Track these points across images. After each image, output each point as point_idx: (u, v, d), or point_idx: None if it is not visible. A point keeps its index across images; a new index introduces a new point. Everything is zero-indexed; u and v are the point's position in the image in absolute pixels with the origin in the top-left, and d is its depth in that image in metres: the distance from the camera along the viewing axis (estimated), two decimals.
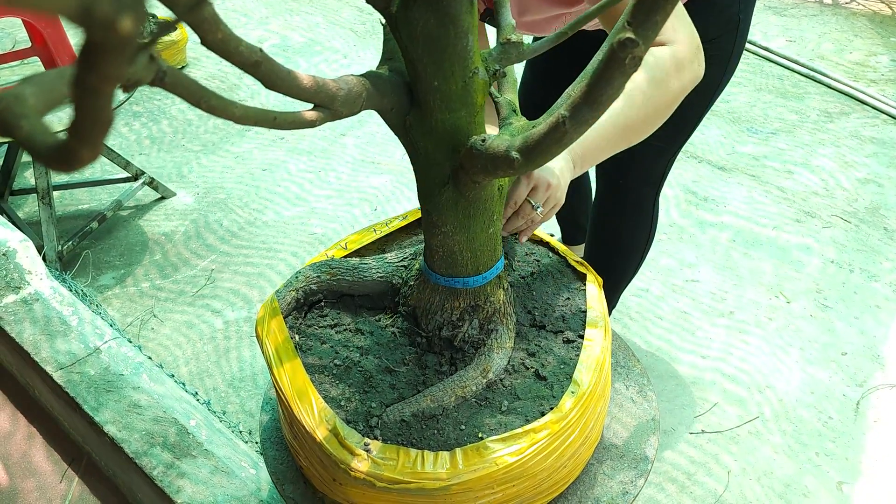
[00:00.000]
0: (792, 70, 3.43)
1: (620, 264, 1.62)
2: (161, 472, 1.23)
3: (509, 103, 0.76)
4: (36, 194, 2.10)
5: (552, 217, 0.97)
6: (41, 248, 2.04)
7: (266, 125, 0.52)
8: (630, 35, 0.41)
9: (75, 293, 1.75)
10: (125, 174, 2.40)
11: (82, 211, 2.43)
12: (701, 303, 2.07)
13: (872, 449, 1.65)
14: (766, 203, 2.50)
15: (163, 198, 2.50)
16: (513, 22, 0.70)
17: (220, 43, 0.43)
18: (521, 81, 1.66)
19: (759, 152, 2.80)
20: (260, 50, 0.47)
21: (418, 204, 0.84)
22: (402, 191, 2.56)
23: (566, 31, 0.65)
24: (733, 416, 1.72)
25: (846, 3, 4.23)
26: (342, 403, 0.85)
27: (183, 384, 1.53)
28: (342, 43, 3.69)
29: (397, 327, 0.95)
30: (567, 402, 0.80)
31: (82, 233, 2.18)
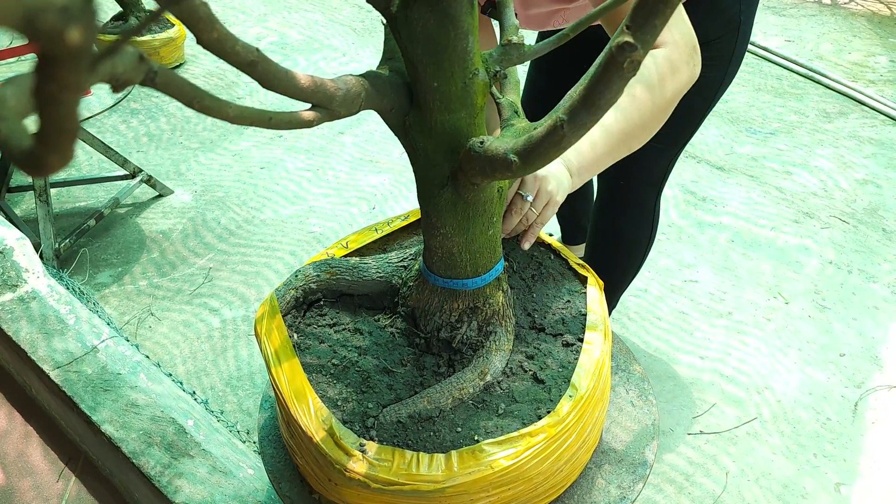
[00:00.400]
0: (791, 70, 3.43)
1: (621, 265, 1.62)
2: (158, 472, 1.22)
3: (511, 104, 0.75)
4: (33, 191, 2.09)
5: (551, 217, 0.96)
6: (38, 246, 2.03)
7: (262, 125, 0.51)
8: (629, 39, 0.40)
9: (72, 291, 1.74)
10: (123, 172, 2.39)
11: (79, 208, 2.42)
12: (699, 303, 2.06)
13: (871, 450, 1.65)
14: (765, 203, 2.50)
15: (160, 196, 2.49)
16: (516, 22, 0.70)
17: (216, 42, 0.43)
18: (527, 80, 1.65)
19: (758, 153, 2.80)
20: (256, 50, 0.46)
21: (418, 204, 0.83)
22: (401, 190, 2.55)
23: (568, 34, 0.65)
24: (731, 417, 1.72)
25: (845, 4, 4.23)
26: (339, 403, 0.84)
27: (181, 383, 1.52)
28: (341, 41, 3.68)
29: (396, 328, 0.94)
30: (564, 406, 0.79)
31: (79, 230, 2.17)
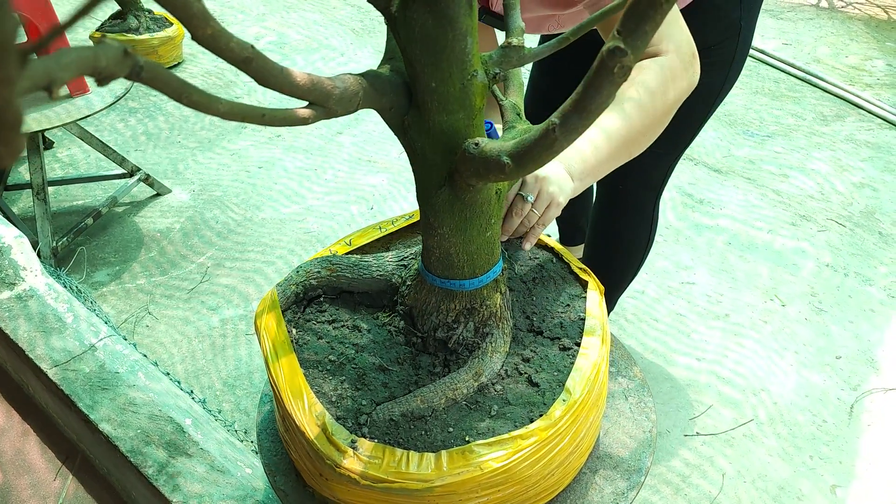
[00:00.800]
0: (788, 73, 3.44)
1: (619, 267, 1.62)
2: (156, 471, 1.22)
3: (514, 107, 0.76)
4: (31, 190, 2.09)
5: (553, 219, 0.96)
6: (35, 244, 2.03)
7: (254, 121, 0.51)
8: (619, 44, 0.41)
9: (70, 290, 1.74)
10: (120, 170, 2.39)
11: (77, 207, 2.42)
12: (696, 305, 2.07)
13: (866, 452, 1.66)
14: (762, 206, 2.51)
15: (158, 194, 2.49)
16: (522, 24, 0.70)
17: (210, 39, 0.43)
18: (529, 82, 1.65)
19: (755, 155, 2.81)
20: (251, 47, 0.47)
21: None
22: (399, 190, 2.55)
23: (568, 37, 0.65)
24: (728, 419, 1.73)
25: (842, 8, 4.24)
26: (333, 399, 0.85)
27: (178, 382, 1.52)
28: (340, 41, 3.68)
29: (394, 326, 0.95)
30: (557, 410, 0.79)
31: (77, 229, 2.17)
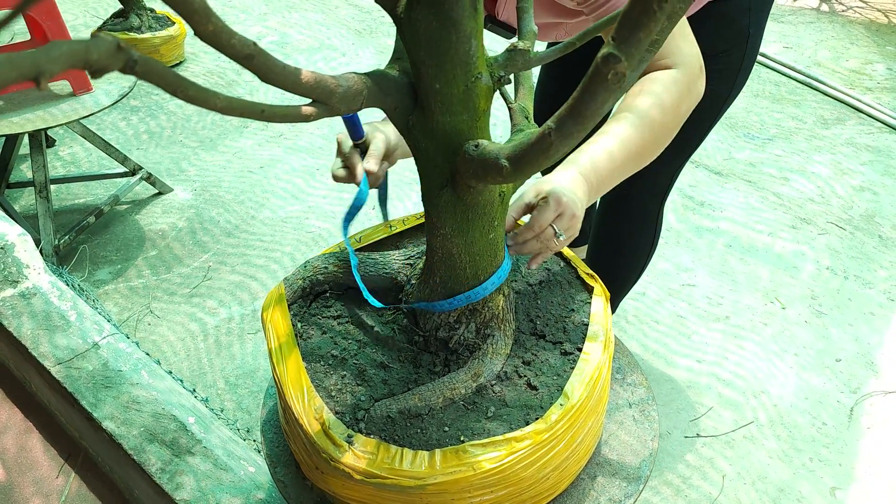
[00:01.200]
0: (789, 77, 3.45)
1: (622, 271, 1.62)
2: (159, 469, 1.22)
3: (523, 110, 0.76)
4: (33, 188, 2.09)
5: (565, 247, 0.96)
6: (38, 242, 2.03)
7: (253, 117, 0.51)
8: (613, 51, 0.41)
9: (72, 288, 1.74)
10: (122, 169, 2.39)
11: (79, 205, 2.42)
12: (697, 307, 2.08)
13: (866, 455, 1.66)
14: (763, 209, 2.52)
15: (160, 193, 2.49)
16: (534, 28, 0.70)
17: (212, 35, 0.43)
18: (537, 85, 1.65)
19: (756, 158, 2.82)
20: (253, 43, 0.47)
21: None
22: (401, 191, 2.56)
23: (574, 42, 0.66)
24: (728, 421, 1.73)
25: (843, 12, 4.26)
26: (333, 394, 0.86)
27: (181, 381, 1.53)
28: (341, 41, 3.68)
29: (398, 324, 0.95)
30: (554, 414, 0.79)
31: (79, 227, 2.17)
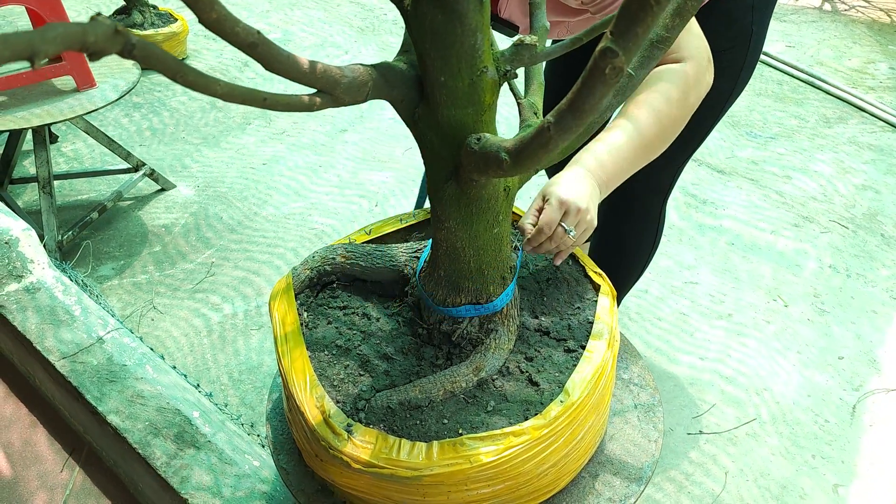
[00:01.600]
0: (791, 76, 3.45)
1: (624, 269, 1.63)
2: (164, 463, 1.23)
3: (532, 105, 0.76)
4: (36, 183, 2.09)
5: (584, 240, 0.97)
6: (41, 238, 2.03)
7: (256, 104, 0.51)
8: (611, 45, 0.41)
9: (76, 283, 1.74)
10: (126, 165, 2.40)
11: (82, 201, 2.42)
12: (700, 305, 2.08)
13: (868, 452, 1.66)
14: (765, 207, 2.52)
15: (163, 189, 2.49)
16: (546, 24, 0.70)
17: (216, 23, 0.44)
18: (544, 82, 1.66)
19: (759, 156, 2.82)
20: (257, 32, 0.47)
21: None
22: (404, 187, 2.56)
23: (581, 38, 0.66)
24: (731, 418, 1.74)
25: (845, 11, 4.26)
26: (335, 383, 0.87)
27: (185, 375, 1.53)
28: (343, 38, 3.68)
29: (402, 316, 0.96)
30: (553, 411, 0.79)
31: (82, 223, 2.17)
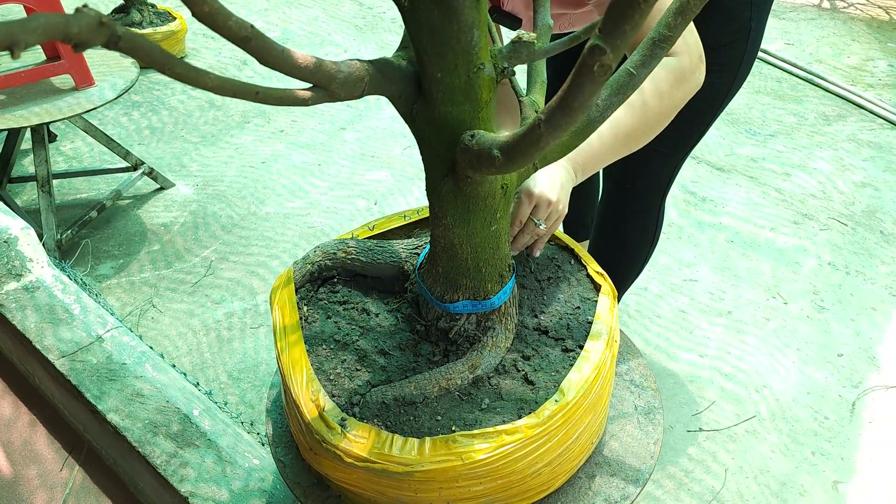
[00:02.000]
0: (790, 73, 3.45)
1: (624, 266, 1.63)
2: (164, 461, 1.23)
3: (533, 104, 0.76)
4: (35, 182, 2.09)
5: (558, 227, 0.98)
6: (40, 237, 2.03)
7: (248, 98, 0.51)
8: (599, 43, 0.41)
9: (75, 282, 1.74)
10: (124, 164, 2.39)
11: (81, 200, 2.42)
12: (699, 302, 2.08)
13: (868, 449, 1.67)
14: (764, 204, 2.52)
15: (162, 188, 2.49)
16: (550, 22, 0.70)
17: (208, 16, 0.44)
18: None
19: (758, 154, 2.82)
20: (250, 26, 0.47)
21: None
22: (403, 185, 2.56)
23: (580, 35, 0.66)
24: (731, 415, 1.74)
25: (844, 8, 4.25)
26: (332, 378, 0.87)
27: (185, 374, 1.53)
28: (342, 37, 3.68)
29: (401, 313, 0.96)
30: (547, 410, 0.79)
31: (81, 222, 2.17)
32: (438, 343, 0.91)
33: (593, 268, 1.01)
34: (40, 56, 2.11)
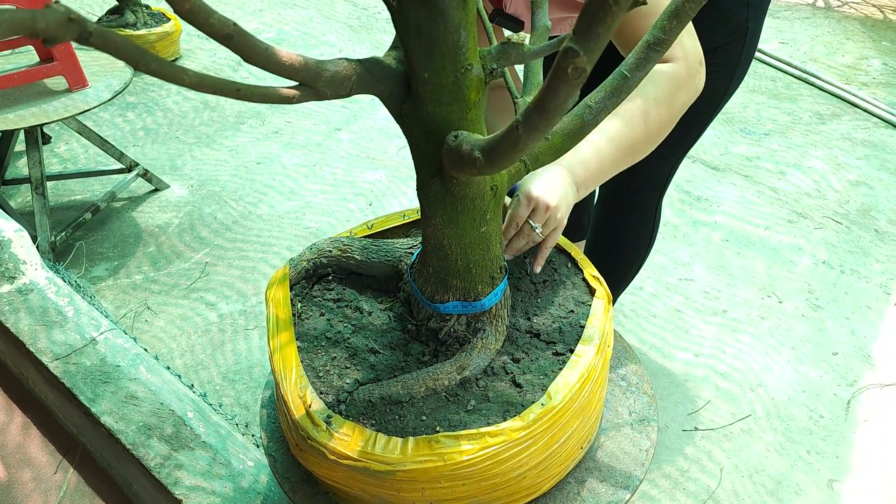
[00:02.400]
0: (785, 72, 3.46)
1: (621, 266, 1.63)
2: (158, 464, 1.22)
3: (527, 105, 0.76)
4: (29, 184, 2.08)
5: (557, 240, 0.98)
6: (34, 239, 2.02)
7: (229, 95, 0.51)
8: (572, 45, 0.40)
9: (69, 284, 1.74)
10: (119, 165, 2.39)
11: (75, 202, 2.42)
12: (694, 301, 2.08)
13: (862, 447, 1.67)
14: (759, 203, 2.52)
15: (157, 190, 2.49)
16: (547, 23, 0.70)
17: (189, 13, 0.44)
18: None
19: (752, 153, 2.82)
20: (233, 23, 0.47)
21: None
22: (398, 186, 2.56)
23: (565, 39, 0.65)
24: (726, 414, 1.74)
25: (838, 7, 4.26)
26: (321, 374, 0.87)
27: (179, 376, 1.53)
28: (337, 37, 3.68)
29: (394, 311, 0.96)
30: (532, 413, 0.78)
31: (75, 224, 2.16)
32: (428, 343, 0.92)
33: (590, 272, 1.01)
34: (34, 58, 2.10)
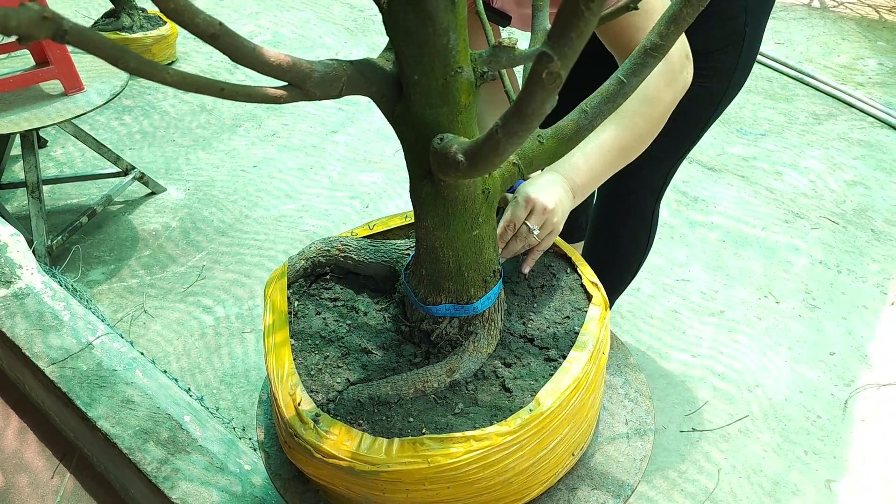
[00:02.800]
0: (781, 72, 3.46)
1: (618, 268, 1.63)
2: (155, 468, 1.22)
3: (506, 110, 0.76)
4: (25, 188, 2.08)
5: (551, 244, 0.98)
6: (30, 243, 2.02)
7: (212, 94, 0.51)
8: (547, 50, 0.40)
9: (65, 288, 1.73)
10: (115, 169, 2.39)
11: (72, 205, 2.41)
12: (691, 302, 2.08)
13: (860, 447, 1.67)
14: (756, 203, 2.53)
15: (153, 193, 2.48)
16: (547, 27, 0.70)
17: (174, 12, 0.44)
18: None
19: (749, 153, 2.83)
20: (219, 23, 0.47)
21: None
22: (394, 188, 2.56)
23: None
24: (723, 414, 1.74)
25: (834, 7, 4.27)
26: (312, 373, 0.88)
27: (176, 380, 1.52)
28: (334, 40, 3.68)
29: (388, 312, 0.97)
30: (519, 419, 0.78)
31: (72, 228, 2.16)
32: (421, 345, 0.92)
33: (588, 277, 1.01)
34: (29, 62, 2.10)
